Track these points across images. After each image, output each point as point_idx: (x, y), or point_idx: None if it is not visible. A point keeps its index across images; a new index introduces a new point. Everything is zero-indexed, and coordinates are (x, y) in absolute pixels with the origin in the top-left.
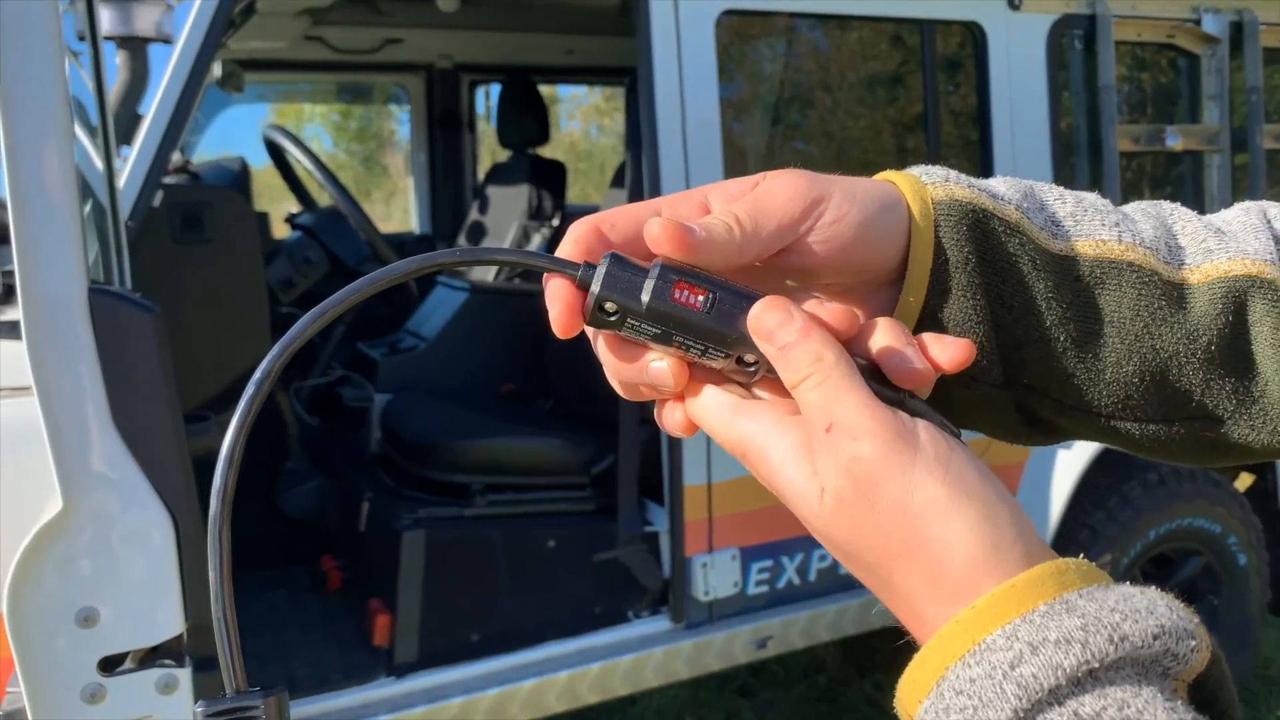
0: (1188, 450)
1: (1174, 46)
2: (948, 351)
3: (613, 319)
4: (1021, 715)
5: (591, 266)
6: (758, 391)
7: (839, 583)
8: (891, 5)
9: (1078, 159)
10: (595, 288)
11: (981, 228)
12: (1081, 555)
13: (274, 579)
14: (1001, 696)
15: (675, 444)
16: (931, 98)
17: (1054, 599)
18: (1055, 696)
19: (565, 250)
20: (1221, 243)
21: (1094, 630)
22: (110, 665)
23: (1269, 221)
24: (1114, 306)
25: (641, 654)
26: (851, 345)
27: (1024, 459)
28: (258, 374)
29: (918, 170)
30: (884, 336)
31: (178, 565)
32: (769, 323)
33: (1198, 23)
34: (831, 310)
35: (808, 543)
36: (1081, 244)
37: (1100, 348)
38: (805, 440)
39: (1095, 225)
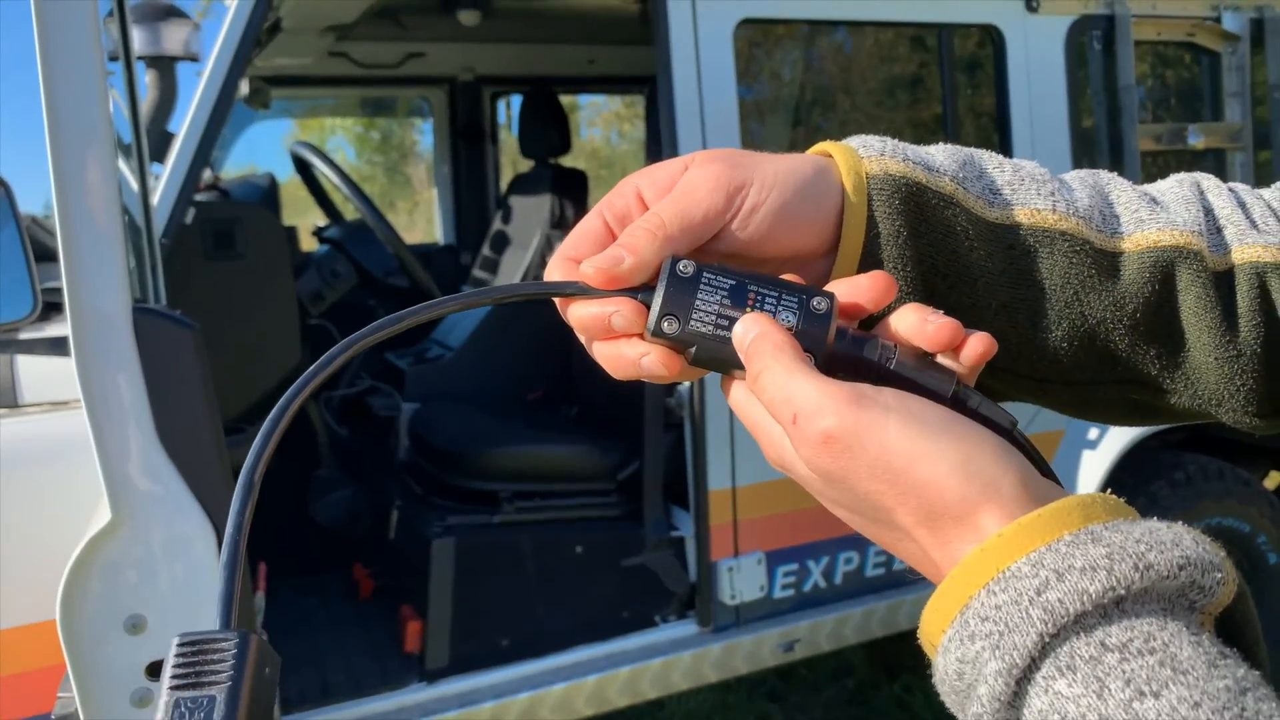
0: (1113, 411)
1: (1194, 45)
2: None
3: (687, 276)
4: (1047, 640)
5: (651, 288)
6: None
7: (865, 585)
8: (908, 10)
9: (1099, 159)
10: (669, 257)
11: (915, 200)
12: (1109, 490)
13: (306, 586)
14: (1027, 621)
15: (700, 449)
16: (950, 101)
17: (1079, 529)
18: (1082, 625)
19: (560, 303)
20: (1154, 213)
21: (1119, 559)
22: (158, 670)
23: (1202, 193)
24: (1045, 273)
25: (669, 658)
26: (893, 337)
27: (1049, 460)
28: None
29: (856, 142)
30: (906, 318)
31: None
32: (739, 331)
33: (1218, 20)
34: (867, 280)
35: (833, 545)
36: (1017, 212)
37: (1031, 313)
38: None
39: (1031, 194)
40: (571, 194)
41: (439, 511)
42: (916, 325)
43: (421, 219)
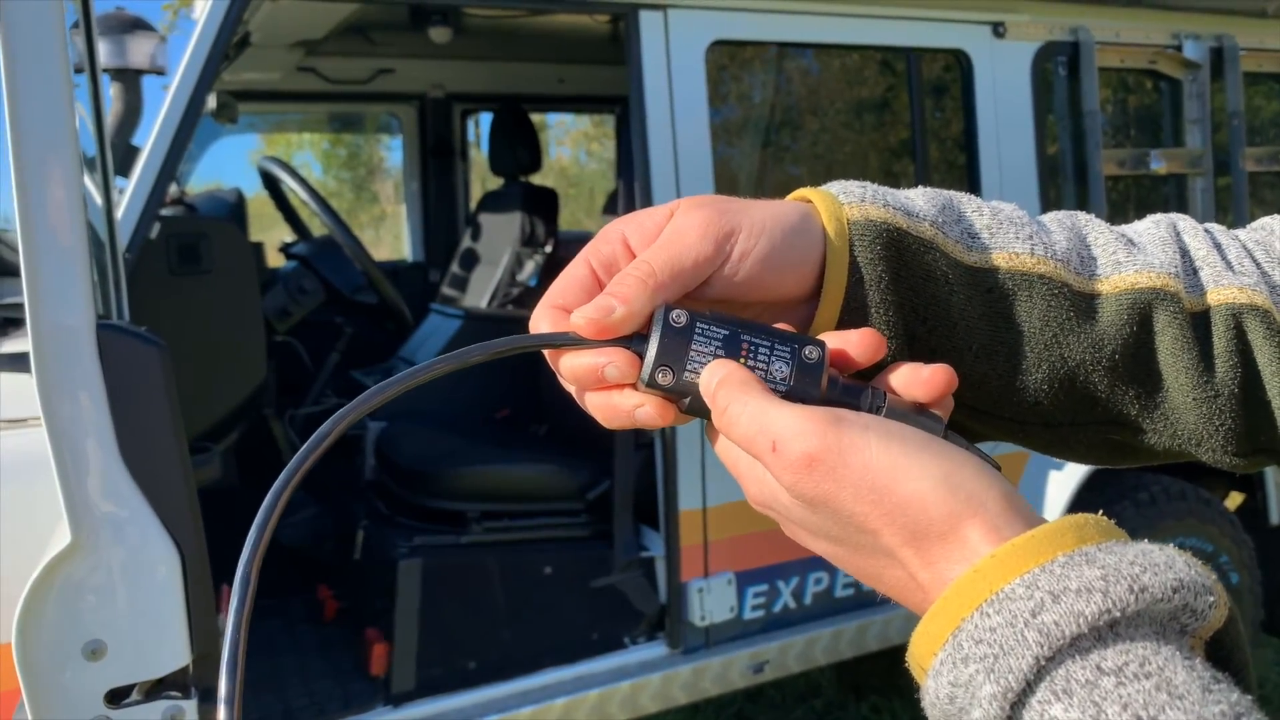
0: (1094, 452)
1: (1156, 72)
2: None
3: (681, 326)
4: (1043, 663)
5: (643, 337)
6: None
7: (834, 606)
8: (878, 34)
9: (1063, 183)
10: (662, 306)
11: (896, 246)
12: (1100, 512)
13: (270, 609)
14: (1023, 643)
15: (670, 468)
16: (919, 124)
17: (1073, 551)
18: (1077, 647)
19: (550, 354)
20: (1130, 255)
21: (1114, 580)
22: (117, 697)
23: (1178, 234)
24: (1024, 316)
25: (639, 680)
26: (884, 388)
27: (1014, 484)
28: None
29: (836, 188)
30: (898, 370)
31: (183, 597)
32: (704, 379)
33: (1179, 49)
34: (857, 336)
35: (803, 566)
36: (996, 256)
37: (1011, 356)
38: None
39: (1010, 238)
40: (542, 212)
41: (405, 532)
42: (910, 373)
43: (388, 235)
